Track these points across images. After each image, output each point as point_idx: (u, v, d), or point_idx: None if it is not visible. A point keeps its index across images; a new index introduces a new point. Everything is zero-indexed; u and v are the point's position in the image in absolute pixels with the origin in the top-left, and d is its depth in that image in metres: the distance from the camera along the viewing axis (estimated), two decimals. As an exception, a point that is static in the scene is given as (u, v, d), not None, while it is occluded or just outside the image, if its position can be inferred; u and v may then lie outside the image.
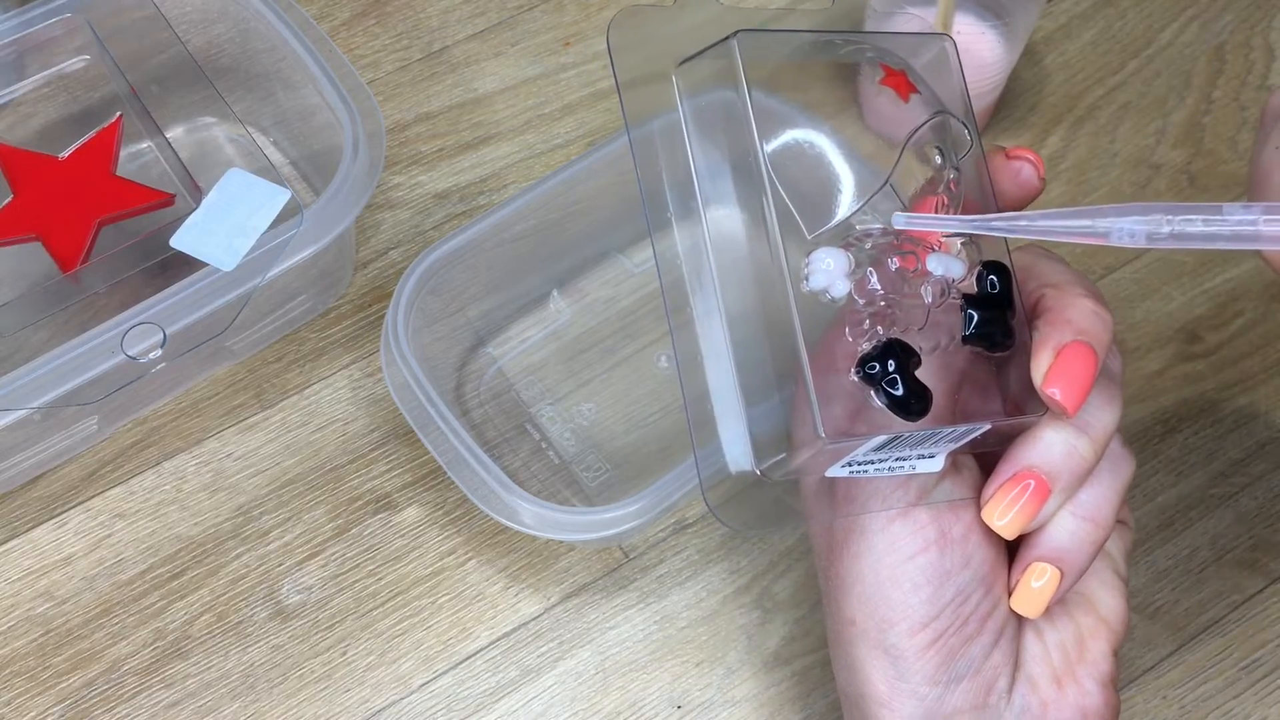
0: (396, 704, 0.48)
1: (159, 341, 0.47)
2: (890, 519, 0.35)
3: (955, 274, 0.34)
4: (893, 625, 0.35)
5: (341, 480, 0.53)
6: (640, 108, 0.36)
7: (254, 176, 0.50)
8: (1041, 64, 0.65)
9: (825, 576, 0.38)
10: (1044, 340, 0.34)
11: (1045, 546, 0.35)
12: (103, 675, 0.49)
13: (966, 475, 0.36)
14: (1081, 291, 0.35)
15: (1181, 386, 0.56)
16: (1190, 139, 0.63)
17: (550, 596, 0.51)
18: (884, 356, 0.33)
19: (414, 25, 0.65)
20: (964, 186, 0.35)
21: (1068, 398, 0.33)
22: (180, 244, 0.48)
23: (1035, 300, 0.35)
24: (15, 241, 0.51)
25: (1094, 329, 0.34)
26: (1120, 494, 0.36)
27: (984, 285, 0.35)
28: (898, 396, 0.33)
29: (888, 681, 0.36)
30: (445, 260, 0.50)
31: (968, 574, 0.35)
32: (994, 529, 0.35)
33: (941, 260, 0.34)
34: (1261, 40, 0.66)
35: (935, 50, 0.37)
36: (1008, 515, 0.35)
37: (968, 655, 0.35)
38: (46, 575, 0.51)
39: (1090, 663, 0.37)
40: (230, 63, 0.58)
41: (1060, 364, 0.33)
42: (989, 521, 0.35)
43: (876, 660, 0.36)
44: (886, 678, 0.36)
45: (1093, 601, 0.38)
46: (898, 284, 0.34)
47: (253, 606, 0.50)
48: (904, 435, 0.33)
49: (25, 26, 0.53)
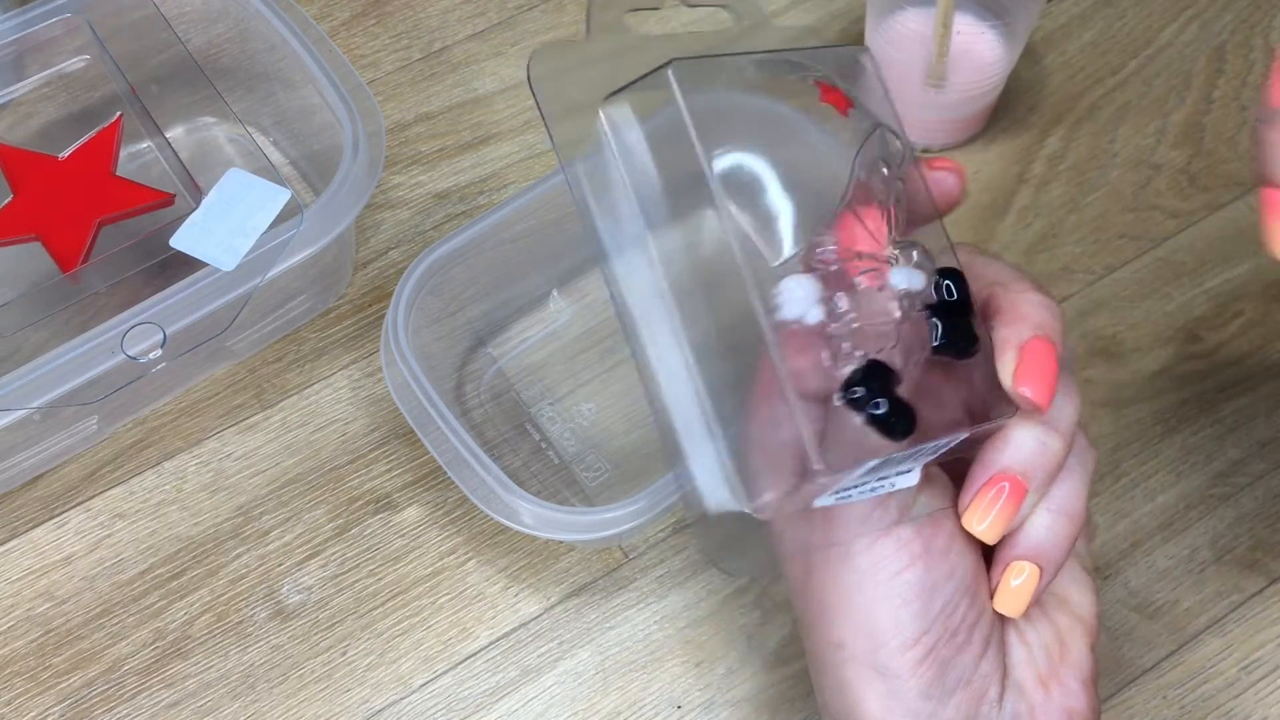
0: (396, 704, 0.48)
1: (159, 341, 0.47)
2: (873, 538, 0.35)
3: (917, 286, 0.34)
4: (883, 644, 0.35)
5: (341, 480, 0.53)
6: (571, 139, 0.35)
7: (254, 176, 0.50)
8: (1041, 64, 0.65)
9: (803, 602, 0.37)
10: (1005, 341, 0.34)
11: (1023, 545, 0.35)
12: (103, 675, 0.49)
13: (938, 485, 0.36)
14: (1027, 285, 0.35)
15: (1181, 386, 0.56)
16: (1190, 139, 0.63)
17: (550, 596, 0.51)
18: (867, 379, 0.32)
19: (414, 25, 0.65)
20: (905, 197, 0.36)
21: (1038, 394, 0.33)
22: (180, 244, 0.48)
23: (984, 299, 0.35)
24: (15, 241, 0.51)
25: (1048, 321, 0.34)
26: (1089, 486, 0.36)
27: (942, 293, 0.35)
28: (882, 417, 0.32)
29: (881, 701, 0.35)
30: (445, 260, 0.50)
31: (953, 584, 0.35)
32: (975, 535, 0.35)
33: (904, 274, 0.34)
34: (1261, 40, 0.66)
35: (857, 61, 0.37)
36: (987, 519, 0.34)
37: (959, 666, 0.35)
38: (46, 575, 0.51)
39: (1072, 663, 0.37)
40: (230, 63, 0.58)
41: (1025, 362, 0.33)
42: (970, 528, 0.35)
43: (869, 681, 0.35)
44: (880, 697, 0.35)
45: (1067, 600, 0.38)
46: (866, 303, 0.33)
47: (253, 606, 0.50)
48: (893, 456, 0.33)
49: (25, 26, 0.53)
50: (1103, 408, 0.55)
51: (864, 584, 0.35)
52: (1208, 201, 0.61)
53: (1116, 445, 0.54)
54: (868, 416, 0.32)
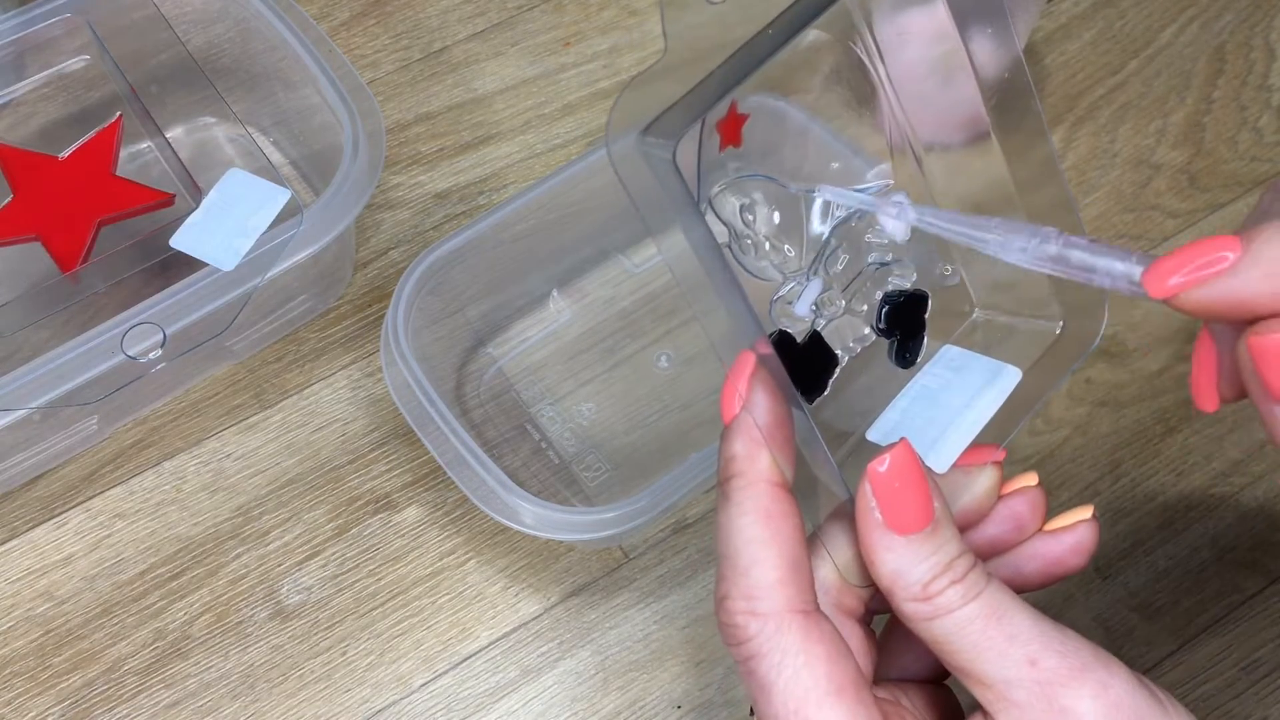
0: (396, 704, 0.48)
1: (159, 341, 0.47)
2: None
3: (900, 237, 0.36)
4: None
5: (341, 480, 0.53)
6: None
7: (254, 176, 0.50)
8: (1041, 64, 0.65)
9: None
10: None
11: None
12: (103, 675, 0.49)
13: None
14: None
15: (1181, 386, 0.56)
16: (1190, 139, 0.63)
17: (550, 596, 0.51)
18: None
19: (414, 25, 0.65)
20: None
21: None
22: (180, 244, 0.48)
23: None
24: (15, 241, 0.51)
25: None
26: None
27: (896, 300, 0.38)
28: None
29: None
30: (445, 260, 0.50)
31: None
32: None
33: (888, 223, 0.36)
34: (1261, 40, 0.66)
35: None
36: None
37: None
38: (46, 575, 0.51)
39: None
40: (230, 63, 0.58)
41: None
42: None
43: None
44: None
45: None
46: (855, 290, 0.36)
47: (253, 606, 0.50)
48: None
49: (25, 26, 0.53)
50: (1103, 408, 0.55)
51: None
52: (1208, 201, 0.61)
53: (1116, 445, 0.54)
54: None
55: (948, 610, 0.30)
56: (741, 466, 0.32)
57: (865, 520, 0.31)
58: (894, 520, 0.31)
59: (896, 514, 0.31)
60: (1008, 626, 0.30)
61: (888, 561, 0.31)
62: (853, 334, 0.39)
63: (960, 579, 0.30)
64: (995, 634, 0.30)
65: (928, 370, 0.37)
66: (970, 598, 0.30)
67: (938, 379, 0.36)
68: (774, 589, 0.31)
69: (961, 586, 0.30)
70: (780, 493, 0.31)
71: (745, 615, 0.31)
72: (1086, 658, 0.30)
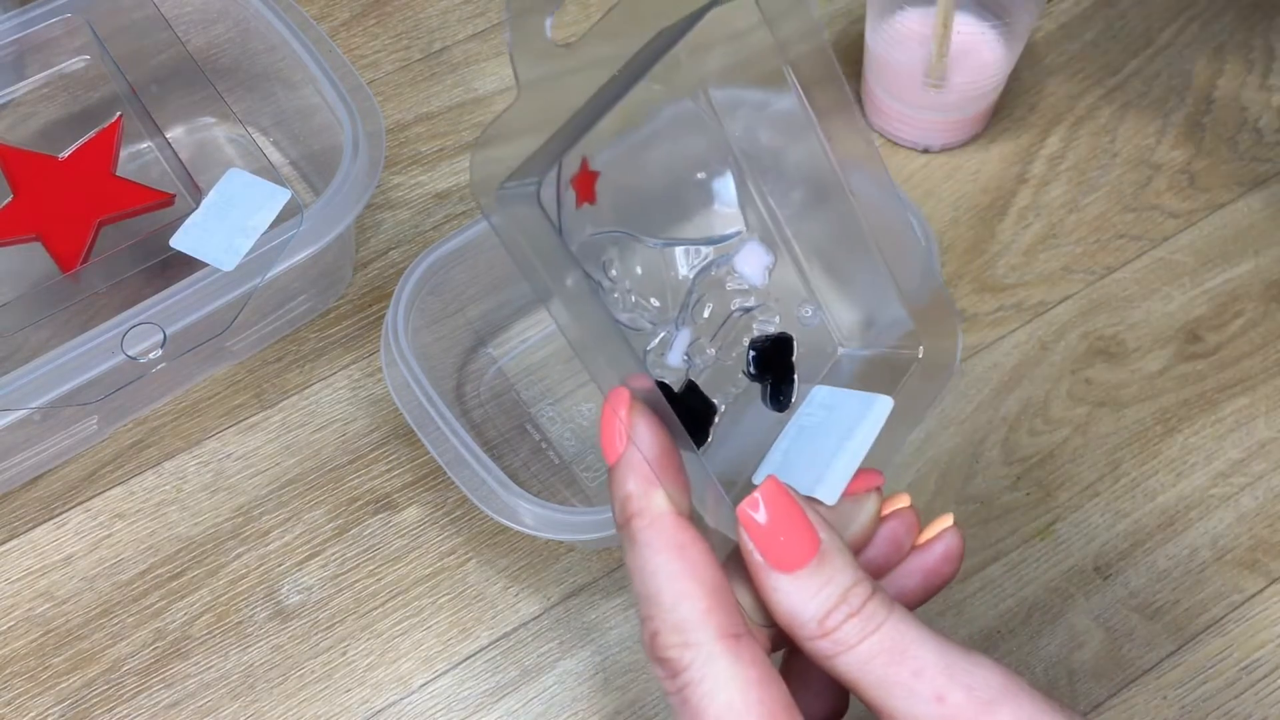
0: (396, 704, 0.48)
1: (159, 341, 0.47)
2: None
3: (757, 281, 0.38)
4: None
5: (341, 480, 0.53)
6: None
7: (254, 176, 0.50)
8: (1041, 64, 0.65)
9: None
10: None
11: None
12: (103, 675, 0.49)
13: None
14: None
15: (1181, 386, 0.56)
16: (1190, 139, 0.63)
17: (550, 596, 0.51)
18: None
19: (414, 25, 0.65)
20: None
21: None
22: (180, 244, 0.48)
23: None
24: (15, 241, 0.51)
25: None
26: None
27: (763, 345, 0.39)
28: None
29: None
30: (445, 260, 0.50)
31: None
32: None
33: (745, 269, 0.37)
34: (1261, 40, 0.66)
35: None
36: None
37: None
38: (46, 575, 0.51)
39: None
40: (230, 63, 0.58)
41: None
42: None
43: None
44: None
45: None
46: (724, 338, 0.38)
47: (253, 606, 0.50)
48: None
49: (25, 26, 0.53)
50: (1103, 408, 0.55)
51: None
52: (1208, 201, 0.61)
53: (1116, 445, 0.54)
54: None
55: (848, 646, 0.30)
56: (639, 505, 0.31)
57: (750, 563, 0.31)
58: (775, 559, 0.30)
59: (776, 552, 0.30)
60: (912, 661, 0.30)
61: (780, 602, 0.30)
62: (729, 381, 0.39)
63: (856, 611, 0.30)
64: (900, 670, 0.29)
65: (802, 411, 0.37)
66: (869, 631, 0.30)
67: (813, 418, 0.36)
68: (703, 619, 0.30)
69: (859, 620, 0.30)
70: (684, 523, 0.31)
71: (679, 649, 0.31)
72: (995, 690, 0.29)
